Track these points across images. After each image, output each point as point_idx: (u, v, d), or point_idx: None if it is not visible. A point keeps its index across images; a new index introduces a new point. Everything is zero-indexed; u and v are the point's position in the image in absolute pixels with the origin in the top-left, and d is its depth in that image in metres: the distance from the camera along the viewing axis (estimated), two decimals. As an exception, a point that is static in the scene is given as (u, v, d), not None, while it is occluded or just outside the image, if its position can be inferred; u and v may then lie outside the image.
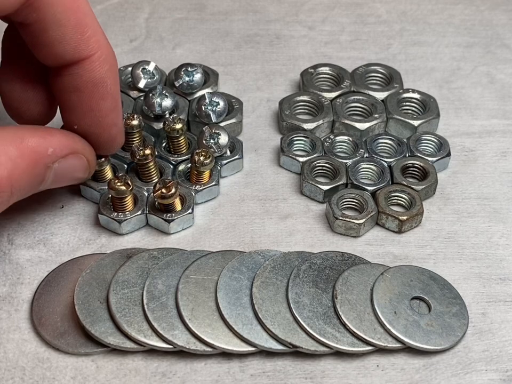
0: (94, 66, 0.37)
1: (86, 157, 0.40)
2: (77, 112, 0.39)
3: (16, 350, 0.37)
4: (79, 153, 0.39)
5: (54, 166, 0.37)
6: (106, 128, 0.40)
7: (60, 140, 0.37)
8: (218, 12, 0.61)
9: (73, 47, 0.36)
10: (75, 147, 0.38)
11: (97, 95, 0.38)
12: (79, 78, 0.37)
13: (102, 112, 0.39)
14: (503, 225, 0.44)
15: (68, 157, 0.38)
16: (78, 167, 0.39)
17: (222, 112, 0.48)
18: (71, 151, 0.38)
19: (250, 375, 0.37)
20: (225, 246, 0.42)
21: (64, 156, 0.38)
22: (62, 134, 0.38)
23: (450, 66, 0.56)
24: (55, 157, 0.37)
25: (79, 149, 0.39)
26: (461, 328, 0.38)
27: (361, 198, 0.44)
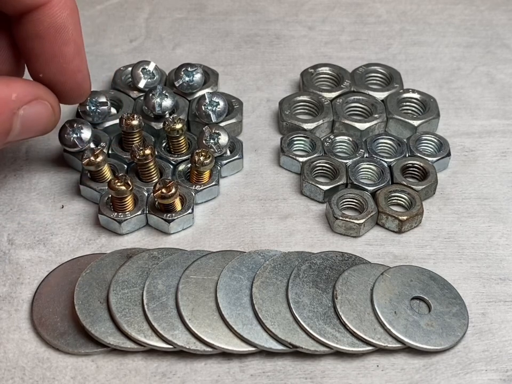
0: (54, 11, 0.38)
1: (50, 103, 0.40)
2: (40, 59, 0.39)
3: (16, 350, 0.37)
4: (43, 99, 0.39)
5: (19, 112, 0.37)
6: (71, 75, 0.40)
7: (23, 86, 0.38)
8: (218, 12, 0.61)
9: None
10: (38, 93, 0.39)
11: (59, 41, 0.39)
12: (40, 24, 0.38)
13: (65, 58, 0.39)
14: (503, 225, 0.44)
15: (33, 103, 0.38)
16: (44, 114, 0.39)
17: (222, 112, 0.48)
18: (35, 97, 0.38)
19: (250, 375, 0.37)
20: (225, 246, 0.42)
21: (28, 102, 0.38)
22: (24, 81, 0.39)
23: (450, 66, 0.56)
24: (20, 102, 0.37)
25: (42, 95, 0.39)
26: (461, 328, 0.38)
27: (361, 198, 0.44)
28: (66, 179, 0.46)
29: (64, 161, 0.47)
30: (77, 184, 0.45)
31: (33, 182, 0.46)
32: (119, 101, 0.50)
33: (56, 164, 0.47)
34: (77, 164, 0.46)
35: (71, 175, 0.46)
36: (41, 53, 0.39)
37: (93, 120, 0.47)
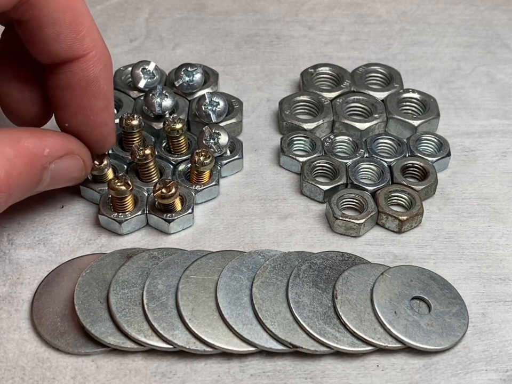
0: (88, 65, 0.38)
1: (82, 158, 0.40)
2: (69, 110, 0.39)
3: (16, 350, 0.37)
4: (74, 154, 0.39)
5: (50, 166, 0.38)
6: (97, 127, 0.40)
7: (56, 141, 0.38)
8: (218, 12, 0.61)
9: (68, 45, 0.37)
10: (71, 148, 0.39)
11: (89, 94, 0.39)
12: (72, 76, 0.38)
13: (93, 111, 0.39)
14: (503, 225, 0.44)
15: (64, 158, 0.39)
16: (74, 168, 0.40)
17: (222, 112, 0.48)
18: (67, 152, 0.39)
19: (250, 375, 0.37)
20: (225, 246, 0.42)
21: (60, 157, 0.38)
22: (57, 135, 0.39)
23: (450, 66, 0.56)
24: (51, 157, 0.38)
25: (74, 150, 0.39)
26: (461, 328, 0.38)
27: (361, 198, 0.44)
28: (66, 179, 0.46)
29: (64, 161, 0.47)
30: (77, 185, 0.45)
31: (33, 182, 0.46)
32: (119, 101, 0.50)
33: (56, 164, 0.47)
34: (77, 164, 0.46)
35: (71, 175, 0.46)
36: (70, 103, 0.39)
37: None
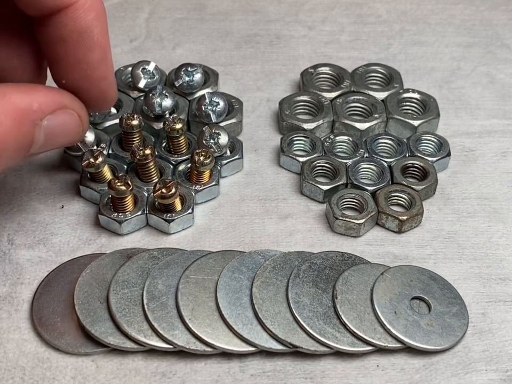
0: (78, 14, 0.35)
1: (77, 112, 0.37)
2: (64, 65, 0.37)
3: (16, 350, 0.37)
4: (68, 108, 0.36)
5: (43, 123, 0.35)
6: (95, 82, 0.37)
7: (46, 95, 0.35)
8: (218, 12, 0.61)
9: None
10: (63, 102, 0.36)
11: (83, 46, 0.36)
12: (63, 28, 0.35)
13: (90, 65, 0.37)
14: (503, 225, 0.44)
15: (57, 113, 0.35)
16: (70, 124, 0.37)
17: (222, 112, 0.48)
18: (59, 106, 0.35)
19: (250, 375, 0.37)
20: (225, 246, 0.42)
21: (52, 112, 0.35)
22: (47, 89, 0.36)
23: (450, 66, 0.56)
24: (42, 112, 0.34)
25: (67, 104, 0.36)
26: (461, 328, 0.38)
27: (361, 198, 0.44)
28: (66, 179, 0.46)
29: (64, 162, 0.47)
30: (77, 185, 0.45)
31: (33, 182, 0.46)
32: (119, 101, 0.50)
33: (56, 164, 0.47)
34: (77, 164, 0.46)
35: (71, 175, 0.46)
36: (64, 58, 0.36)
37: (93, 120, 0.47)
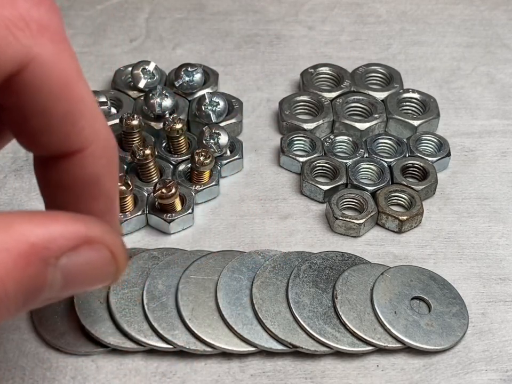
0: (86, 162, 0.28)
1: (109, 247, 0.28)
2: None
3: (16, 350, 0.37)
4: (95, 243, 0.27)
5: (59, 262, 0.26)
6: None
7: (66, 225, 0.26)
8: (218, 12, 0.61)
9: (61, 139, 0.28)
10: (89, 234, 0.27)
11: (87, 196, 0.29)
12: (66, 175, 0.29)
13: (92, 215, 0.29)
14: (503, 225, 0.44)
15: (80, 249, 0.27)
16: (97, 262, 0.27)
17: (222, 112, 0.48)
18: (84, 240, 0.27)
19: (250, 375, 0.37)
20: (225, 246, 0.42)
21: (73, 248, 0.26)
22: (69, 218, 0.27)
23: (450, 66, 0.56)
24: (58, 249, 0.26)
25: (96, 236, 0.27)
26: (461, 328, 0.38)
27: (361, 198, 0.44)
28: (66, 179, 0.46)
29: (64, 161, 0.47)
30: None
31: (33, 182, 0.46)
32: (119, 101, 0.50)
33: (56, 164, 0.47)
34: (77, 164, 0.46)
35: (71, 175, 0.46)
36: (64, 205, 0.30)
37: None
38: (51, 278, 0.26)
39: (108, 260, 0.28)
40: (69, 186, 0.29)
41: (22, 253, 0.25)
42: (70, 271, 0.27)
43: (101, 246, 0.27)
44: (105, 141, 0.29)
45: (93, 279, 0.28)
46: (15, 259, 0.25)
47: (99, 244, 0.27)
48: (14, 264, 0.25)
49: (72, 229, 0.26)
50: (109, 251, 0.28)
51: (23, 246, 0.25)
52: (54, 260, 0.26)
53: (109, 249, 0.28)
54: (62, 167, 0.29)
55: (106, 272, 0.28)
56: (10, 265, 0.24)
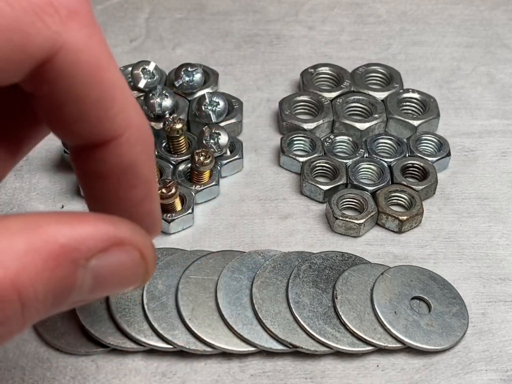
0: (122, 150, 0.28)
1: (139, 249, 0.28)
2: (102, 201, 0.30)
3: (16, 350, 0.37)
4: (126, 244, 0.27)
5: (89, 264, 0.26)
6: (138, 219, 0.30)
7: (96, 226, 0.26)
8: (218, 12, 0.61)
9: (94, 127, 0.27)
10: (119, 235, 0.27)
11: (126, 183, 0.29)
12: (102, 164, 0.29)
13: (132, 202, 0.30)
14: (503, 225, 0.44)
15: (110, 250, 0.26)
16: (127, 264, 0.27)
17: (222, 112, 0.48)
18: (114, 242, 0.27)
19: (250, 375, 0.37)
20: (225, 246, 0.42)
21: (103, 249, 0.26)
22: (99, 218, 0.27)
23: (450, 66, 0.56)
24: (89, 250, 0.26)
25: (126, 238, 0.27)
26: (461, 328, 0.38)
27: (361, 198, 0.44)
28: (66, 179, 0.46)
29: (64, 161, 0.47)
30: (77, 184, 0.45)
31: (33, 182, 0.46)
32: (119, 101, 0.50)
33: (56, 164, 0.47)
34: (77, 164, 0.46)
35: (71, 175, 0.46)
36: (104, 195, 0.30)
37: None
38: (81, 280, 0.26)
39: (137, 262, 0.28)
40: (106, 175, 0.29)
41: (51, 254, 0.25)
42: (100, 272, 0.26)
43: (131, 247, 0.27)
44: (139, 127, 0.29)
45: (123, 281, 0.28)
46: (44, 260, 0.24)
47: (129, 245, 0.27)
48: (44, 265, 0.24)
49: (102, 230, 0.26)
50: (139, 252, 0.27)
51: (53, 247, 0.25)
52: (84, 262, 0.25)
53: (138, 250, 0.27)
54: (98, 156, 0.28)
55: (136, 274, 0.28)
56: (39, 266, 0.24)
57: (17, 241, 0.24)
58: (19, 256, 0.24)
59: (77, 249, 0.25)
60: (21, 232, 0.24)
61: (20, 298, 0.24)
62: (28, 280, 0.24)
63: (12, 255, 0.24)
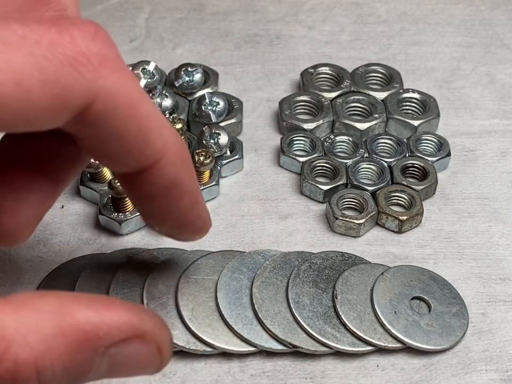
0: (164, 170, 0.31)
1: (157, 343, 0.28)
2: (155, 217, 0.34)
3: (16, 350, 0.37)
4: (146, 338, 0.28)
5: (109, 351, 0.27)
6: (189, 224, 0.34)
7: (122, 317, 0.27)
8: (218, 12, 0.61)
9: (137, 157, 0.30)
10: (142, 328, 0.28)
11: (173, 198, 0.32)
12: (149, 186, 0.31)
13: (182, 212, 0.33)
14: (503, 225, 0.44)
15: (130, 341, 0.27)
16: (143, 356, 0.28)
17: (222, 112, 0.48)
18: (135, 334, 0.27)
19: (250, 375, 0.37)
20: (225, 246, 0.42)
21: (124, 340, 0.27)
22: (125, 308, 0.27)
23: (450, 66, 0.56)
24: (111, 339, 0.27)
25: (147, 332, 0.28)
26: (461, 328, 0.38)
27: (361, 198, 0.44)
28: (66, 179, 0.46)
29: (64, 161, 0.47)
30: (77, 185, 0.45)
31: (33, 182, 0.46)
32: (119, 101, 0.50)
33: (56, 164, 0.47)
34: (77, 164, 0.46)
35: (71, 175, 0.46)
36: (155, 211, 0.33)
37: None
38: (97, 365, 0.27)
39: (154, 355, 0.28)
40: (154, 194, 0.31)
41: (75, 339, 0.26)
42: (117, 360, 0.27)
43: (151, 342, 0.28)
44: (175, 145, 0.31)
45: (137, 370, 0.29)
46: (68, 345, 0.25)
47: (149, 338, 0.28)
48: (67, 349, 0.25)
49: (127, 320, 0.27)
50: (157, 346, 0.28)
51: (79, 333, 0.26)
52: (104, 349, 0.26)
53: (157, 344, 0.28)
54: (144, 180, 0.31)
55: (151, 365, 0.29)
56: (63, 350, 0.25)
57: (47, 323, 0.25)
58: (46, 338, 0.25)
59: (100, 338, 0.26)
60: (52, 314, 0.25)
61: (38, 378, 0.25)
62: (49, 362, 0.25)
63: (40, 337, 0.25)
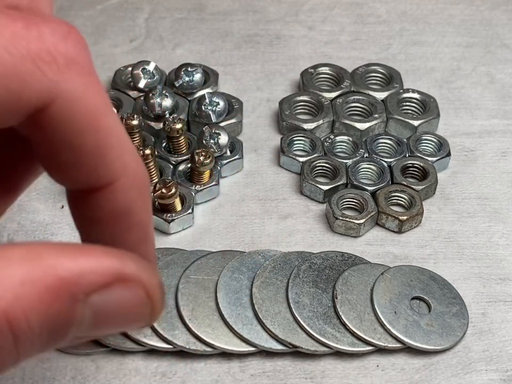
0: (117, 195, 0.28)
1: (145, 287, 0.26)
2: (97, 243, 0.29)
3: (16, 350, 0.37)
4: (130, 281, 0.26)
5: (90, 299, 0.25)
6: None
7: (99, 260, 0.25)
8: (218, 12, 0.61)
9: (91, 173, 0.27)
10: (124, 271, 0.25)
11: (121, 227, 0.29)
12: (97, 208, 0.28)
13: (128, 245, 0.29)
14: (503, 225, 0.44)
15: (113, 286, 0.25)
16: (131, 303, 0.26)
17: (222, 112, 0.48)
18: (118, 277, 0.25)
19: (250, 375, 0.37)
20: (225, 246, 0.42)
21: (105, 285, 0.25)
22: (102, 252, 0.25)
23: (450, 66, 0.56)
24: (90, 285, 0.24)
25: (130, 274, 0.26)
26: (461, 328, 0.38)
27: (361, 198, 0.44)
28: (66, 179, 0.46)
29: (64, 161, 0.47)
30: (77, 184, 0.45)
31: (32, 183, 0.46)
32: (119, 101, 0.50)
33: (56, 164, 0.47)
34: (77, 164, 0.46)
35: (71, 175, 0.46)
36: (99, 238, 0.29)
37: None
38: (80, 315, 0.25)
39: (142, 301, 0.26)
40: (101, 219, 0.28)
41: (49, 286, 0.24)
42: (101, 309, 0.25)
43: (136, 285, 0.26)
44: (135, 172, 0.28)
45: (126, 319, 0.27)
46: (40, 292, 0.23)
47: (134, 282, 0.26)
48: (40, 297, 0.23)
49: (106, 264, 0.25)
50: (144, 291, 0.26)
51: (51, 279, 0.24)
52: (84, 297, 0.24)
53: (144, 288, 0.26)
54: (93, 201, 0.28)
55: (140, 314, 0.27)
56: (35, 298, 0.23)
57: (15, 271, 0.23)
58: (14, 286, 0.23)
59: (77, 284, 0.24)
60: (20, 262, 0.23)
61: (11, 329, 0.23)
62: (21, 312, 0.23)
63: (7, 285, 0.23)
